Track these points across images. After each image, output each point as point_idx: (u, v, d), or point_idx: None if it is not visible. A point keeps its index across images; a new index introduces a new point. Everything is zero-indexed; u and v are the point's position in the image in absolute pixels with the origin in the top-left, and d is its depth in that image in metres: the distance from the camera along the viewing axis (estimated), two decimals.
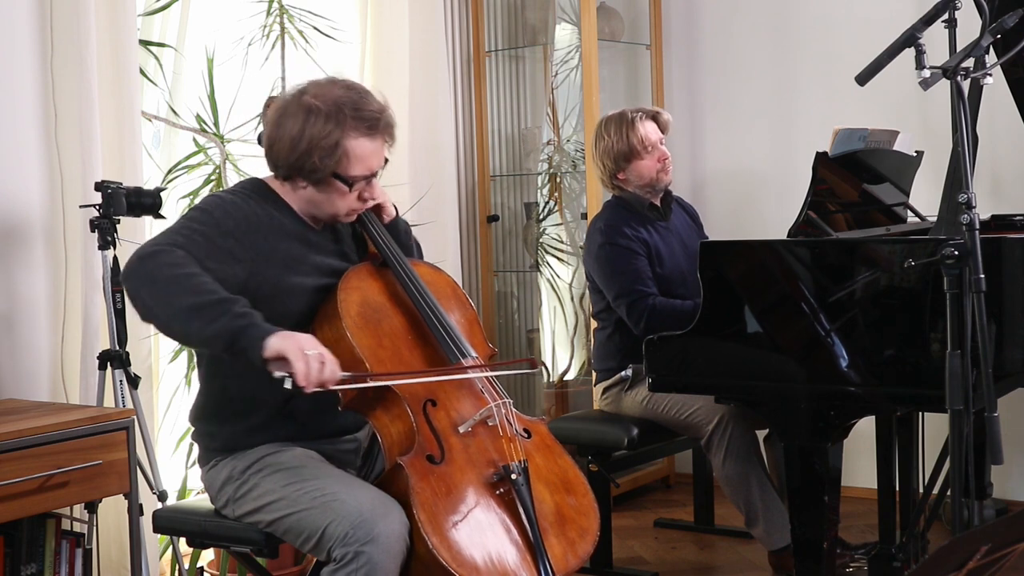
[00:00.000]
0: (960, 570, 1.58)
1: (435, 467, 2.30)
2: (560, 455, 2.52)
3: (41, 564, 2.81)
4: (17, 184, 3.19)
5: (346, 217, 2.51)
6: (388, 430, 2.39)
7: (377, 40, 4.20)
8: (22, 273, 3.20)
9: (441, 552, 2.19)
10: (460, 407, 2.42)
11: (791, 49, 4.62)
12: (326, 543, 2.25)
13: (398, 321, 2.48)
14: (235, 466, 2.46)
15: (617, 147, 3.68)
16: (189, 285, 2.21)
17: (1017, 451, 4.13)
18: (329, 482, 2.34)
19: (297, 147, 2.39)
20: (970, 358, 2.34)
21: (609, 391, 3.75)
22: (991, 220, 3.51)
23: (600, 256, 3.64)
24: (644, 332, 3.41)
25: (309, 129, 2.37)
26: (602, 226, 3.69)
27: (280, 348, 2.18)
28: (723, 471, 3.51)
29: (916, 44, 2.34)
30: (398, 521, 2.22)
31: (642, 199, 3.74)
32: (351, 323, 2.38)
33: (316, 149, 2.38)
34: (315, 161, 2.38)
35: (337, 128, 2.38)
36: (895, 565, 3.36)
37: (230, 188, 2.56)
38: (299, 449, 2.47)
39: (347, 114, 2.39)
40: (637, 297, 3.54)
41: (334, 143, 2.38)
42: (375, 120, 2.43)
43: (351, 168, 2.41)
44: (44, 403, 3.02)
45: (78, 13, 3.16)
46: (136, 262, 2.26)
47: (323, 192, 2.45)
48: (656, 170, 3.70)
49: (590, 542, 2.40)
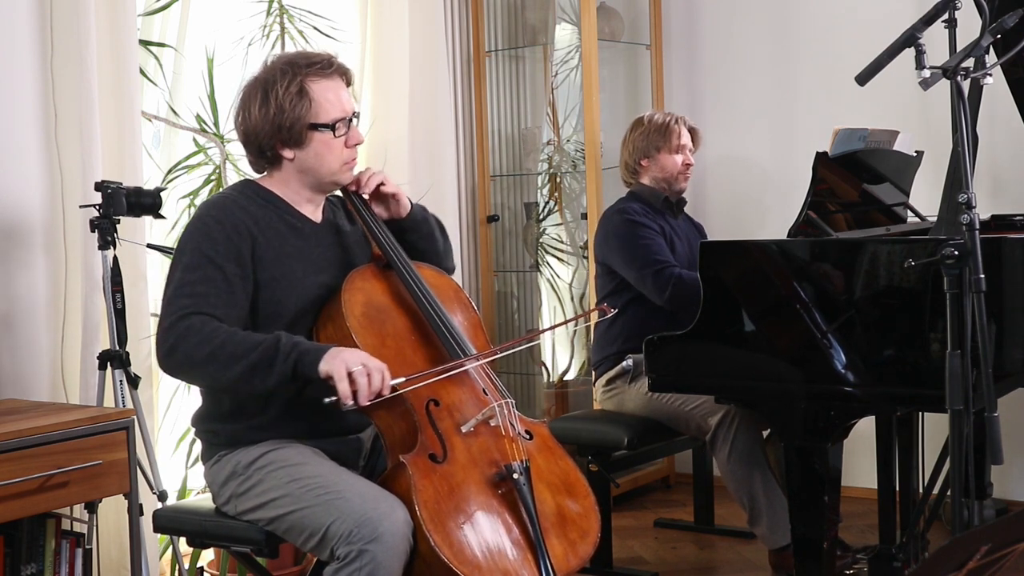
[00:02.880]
0: (960, 570, 1.58)
1: (437, 466, 2.30)
2: (561, 457, 2.53)
3: (41, 564, 2.81)
4: (17, 184, 3.19)
5: (344, 172, 2.53)
6: (391, 429, 2.39)
7: (377, 40, 4.20)
8: (22, 273, 3.20)
9: (443, 550, 2.19)
10: (463, 407, 2.43)
11: (791, 49, 4.62)
12: (329, 541, 2.25)
13: (402, 322, 2.49)
14: (239, 462, 2.45)
15: (651, 136, 3.82)
16: (228, 354, 2.29)
17: (1017, 451, 4.12)
18: (333, 480, 2.34)
19: (267, 114, 2.45)
20: (970, 358, 2.34)
21: (612, 384, 3.75)
22: (991, 220, 3.51)
23: (620, 233, 3.71)
24: (669, 302, 3.54)
25: (271, 93, 2.45)
26: (620, 208, 3.81)
27: (326, 371, 2.27)
28: (728, 466, 3.51)
29: (916, 44, 2.34)
30: (402, 520, 2.22)
31: (657, 193, 3.83)
32: (355, 323, 2.39)
33: (285, 104, 2.44)
34: (288, 116, 2.44)
35: (295, 77, 2.46)
36: (895, 565, 3.36)
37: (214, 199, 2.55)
38: (303, 446, 2.47)
39: (300, 63, 2.48)
40: (662, 267, 3.61)
41: (298, 89, 2.45)
42: (327, 61, 2.51)
43: (323, 113, 2.47)
44: (44, 403, 3.02)
45: (78, 13, 3.16)
46: (166, 360, 2.35)
47: (310, 152, 2.48)
48: (678, 170, 3.82)
49: (591, 543, 2.40)
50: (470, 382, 2.48)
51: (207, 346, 2.29)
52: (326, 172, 2.51)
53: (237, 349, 2.28)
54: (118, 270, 3.10)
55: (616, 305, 3.71)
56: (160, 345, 2.34)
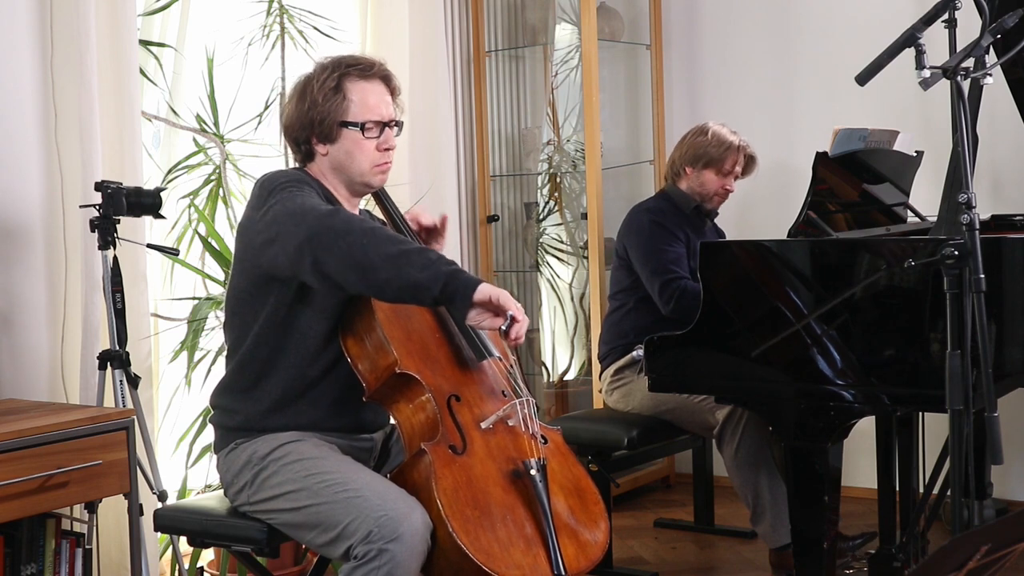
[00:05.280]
0: (960, 570, 1.58)
1: (457, 457, 2.33)
2: (574, 464, 2.56)
3: (41, 564, 2.81)
4: (17, 184, 3.19)
5: (375, 175, 2.53)
6: (410, 421, 2.41)
7: (377, 40, 4.20)
8: (22, 273, 3.20)
9: (460, 536, 2.21)
10: (483, 404, 2.46)
11: (791, 49, 4.62)
12: (345, 539, 2.24)
13: (426, 319, 2.52)
14: (255, 451, 2.44)
15: (708, 150, 3.79)
16: (384, 235, 2.24)
17: (1017, 451, 4.13)
18: (352, 476, 2.33)
19: (303, 106, 2.48)
20: (970, 358, 2.34)
21: (620, 375, 3.76)
22: (991, 220, 3.51)
23: (643, 232, 3.74)
24: (673, 312, 3.57)
25: (310, 88, 2.49)
26: (650, 207, 3.84)
27: (491, 293, 2.20)
28: (733, 462, 3.52)
29: (916, 44, 2.34)
30: (421, 520, 2.23)
31: (689, 200, 3.84)
32: (383, 316, 2.41)
33: (319, 98, 2.46)
34: (321, 110, 2.46)
35: (335, 73, 2.48)
36: (895, 565, 3.36)
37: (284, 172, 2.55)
38: (320, 440, 2.47)
39: (343, 62, 2.51)
40: (672, 277, 3.63)
41: (334, 85, 2.47)
42: (370, 65, 2.53)
43: (355, 112, 2.48)
44: (44, 403, 3.02)
45: (78, 13, 3.16)
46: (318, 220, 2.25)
47: (341, 149, 2.49)
48: (715, 192, 3.82)
49: (600, 549, 2.42)
50: (490, 382, 2.52)
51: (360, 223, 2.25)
52: (356, 172, 2.52)
53: (391, 237, 2.25)
54: (118, 270, 3.10)
55: (630, 301, 3.79)
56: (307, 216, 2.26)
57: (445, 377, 2.44)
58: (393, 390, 2.41)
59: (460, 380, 2.46)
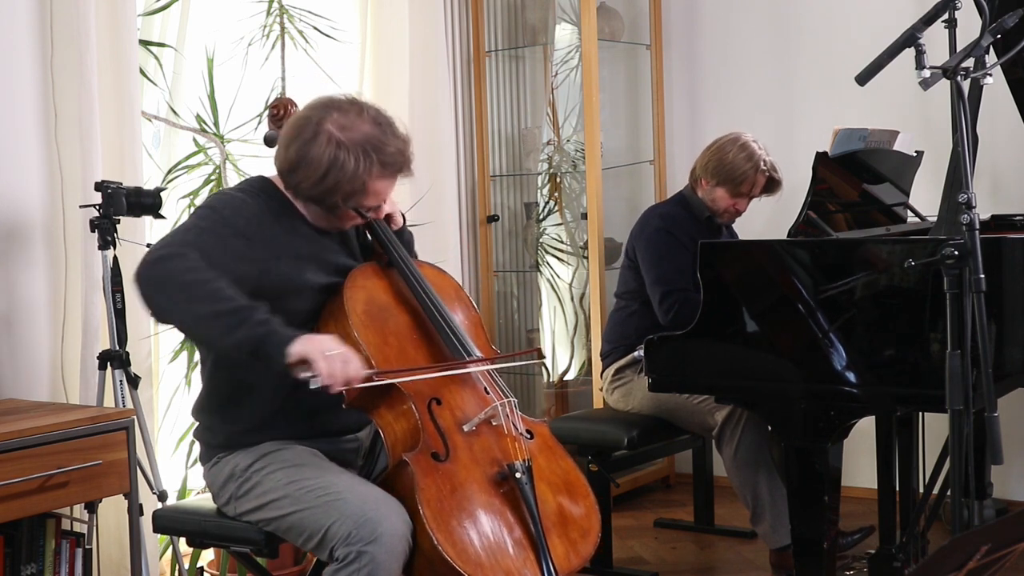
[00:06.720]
0: (960, 570, 1.58)
1: (440, 464, 2.31)
2: (562, 457, 2.53)
3: (41, 564, 2.81)
4: (17, 184, 3.19)
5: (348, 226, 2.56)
6: (392, 428, 2.39)
7: (377, 40, 4.20)
8: (22, 273, 3.20)
9: (446, 548, 2.19)
10: (464, 406, 2.43)
11: (791, 49, 4.62)
12: (328, 542, 2.25)
13: (403, 320, 2.49)
14: (237, 463, 2.45)
15: (728, 168, 3.73)
16: (205, 292, 2.22)
17: (1017, 451, 4.12)
18: (332, 481, 2.34)
19: (322, 183, 2.40)
20: (970, 358, 2.34)
21: (621, 374, 3.76)
22: (991, 220, 3.51)
23: (653, 239, 3.74)
24: (670, 323, 3.55)
25: (335, 170, 2.38)
26: (663, 212, 3.83)
27: (302, 352, 2.20)
28: (733, 463, 3.52)
29: (916, 44, 2.34)
30: (401, 521, 2.23)
31: (703, 208, 3.83)
32: (357, 321, 2.39)
33: (341, 189, 2.41)
34: (337, 200, 2.43)
35: (364, 172, 2.40)
36: (895, 565, 3.36)
37: (238, 185, 2.57)
38: (301, 447, 2.47)
39: (374, 158, 2.41)
40: (674, 288, 3.63)
41: (360, 186, 2.41)
42: (400, 164, 2.48)
43: (369, 201, 2.47)
44: (44, 403, 3.02)
45: (78, 13, 3.16)
46: (149, 266, 2.25)
47: (335, 215, 2.48)
48: (724, 209, 3.80)
49: (591, 543, 2.41)
50: (472, 381, 2.49)
51: (192, 275, 2.23)
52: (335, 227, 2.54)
53: (216, 295, 2.22)
54: (118, 270, 3.10)
55: (635, 303, 3.80)
56: (151, 253, 2.27)
57: (424, 380, 2.40)
58: (373, 396, 2.38)
59: (440, 381, 2.42)
